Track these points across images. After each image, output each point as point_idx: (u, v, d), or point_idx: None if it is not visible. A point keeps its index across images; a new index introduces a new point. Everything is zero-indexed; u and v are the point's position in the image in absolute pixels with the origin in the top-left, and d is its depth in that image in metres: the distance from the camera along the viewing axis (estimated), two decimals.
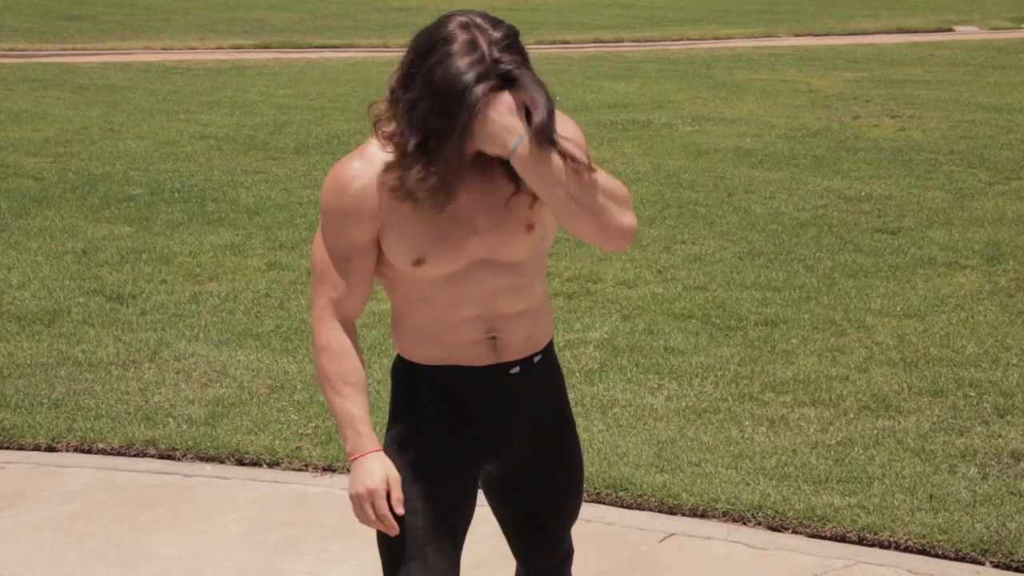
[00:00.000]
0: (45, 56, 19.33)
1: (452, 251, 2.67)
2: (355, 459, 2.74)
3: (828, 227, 8.74)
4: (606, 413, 5.54)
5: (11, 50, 19.92)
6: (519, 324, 2.78)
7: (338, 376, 2.76)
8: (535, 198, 2.67)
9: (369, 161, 2.66)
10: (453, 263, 2.69)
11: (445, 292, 2.71)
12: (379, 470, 2.73)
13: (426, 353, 2.79)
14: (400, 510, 2.73)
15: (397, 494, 2.73)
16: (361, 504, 2.73)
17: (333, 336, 2.76)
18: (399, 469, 2.77)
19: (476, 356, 2.77)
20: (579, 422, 5.30)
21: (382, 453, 2.76)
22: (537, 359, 2.84)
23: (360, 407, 2.76)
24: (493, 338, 2.76)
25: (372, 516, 2.72)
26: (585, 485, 4.74)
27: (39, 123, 13.11)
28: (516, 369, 2.81)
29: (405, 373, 2.86)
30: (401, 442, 2.81)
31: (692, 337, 6.51)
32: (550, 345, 2.90)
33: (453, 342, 2.76)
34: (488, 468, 2.89)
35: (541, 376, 2.87)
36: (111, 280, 7.54)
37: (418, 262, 2.67)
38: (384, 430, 2.89)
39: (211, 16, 26.07)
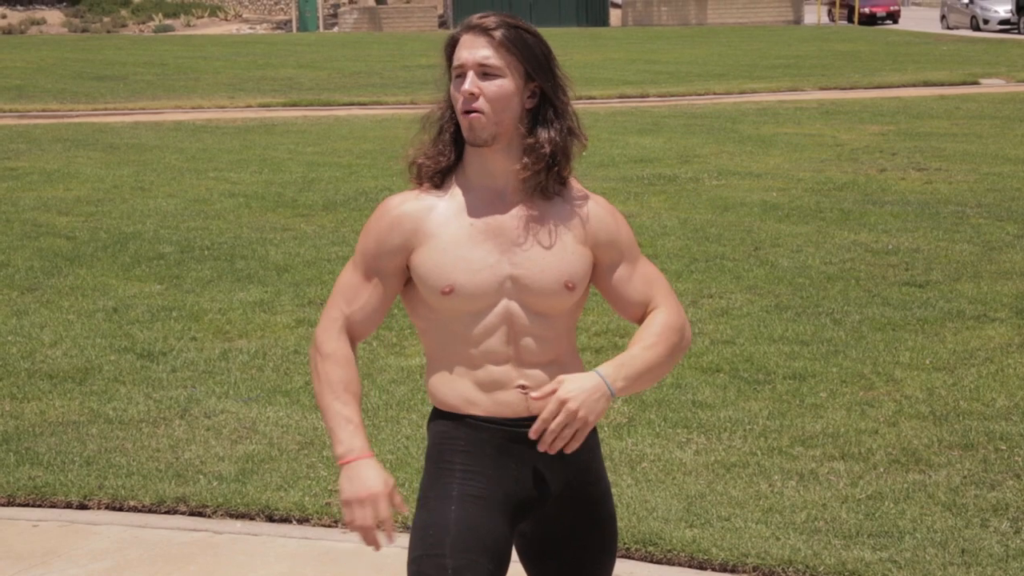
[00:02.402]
0: (77, 116, 19.57)
1: (482, 287, 2.75)
2: (349, 462, 2.76)
3: (856, 280, 8.73)
4: (635, 468, 5.54)
5: (44, 111, 20.19)
6: (546, 377, 2.81)
7: (341, 382, 2.81)
8: (602, 263, 2.84)
9: (415, 196, 2.82)
10: (481, 298, 2.75)
11: (473, 327, 2.77)
12: (378, 474, 2.77)
13: (459, 397, 2.82)
14: (405, 510, 2.78)
15: (398, 498, 2.78)
16: (362, 507, 2.74)
17: (340, 347, 2.83)
18: (432, 525, 2.78)
19: (508, 407, 2.80)
20: (607, 477, 5.30)
21: (376, 459, 2.80)
22: None
23: (358, 415, 2.81)
24: (523, 388, 2.79)
25: (371, 520, 2.74)
26: None
27: (71, 182, 13.26)
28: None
29: (440, 426, 2.88)
30: (434, 496, 2.82)
31: (720, 391, 6.51)
32: None
33: (485, 384, 2.79)
34: (522, 527, 2.89)
35: None
36: (142, 338, 7.60)
37: (447, 291, 2.74)
38: (410, 484, 2.91)
39: (240, 75, 26.35)
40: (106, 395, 6.60)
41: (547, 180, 2.78)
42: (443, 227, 2.78)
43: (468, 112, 2.73)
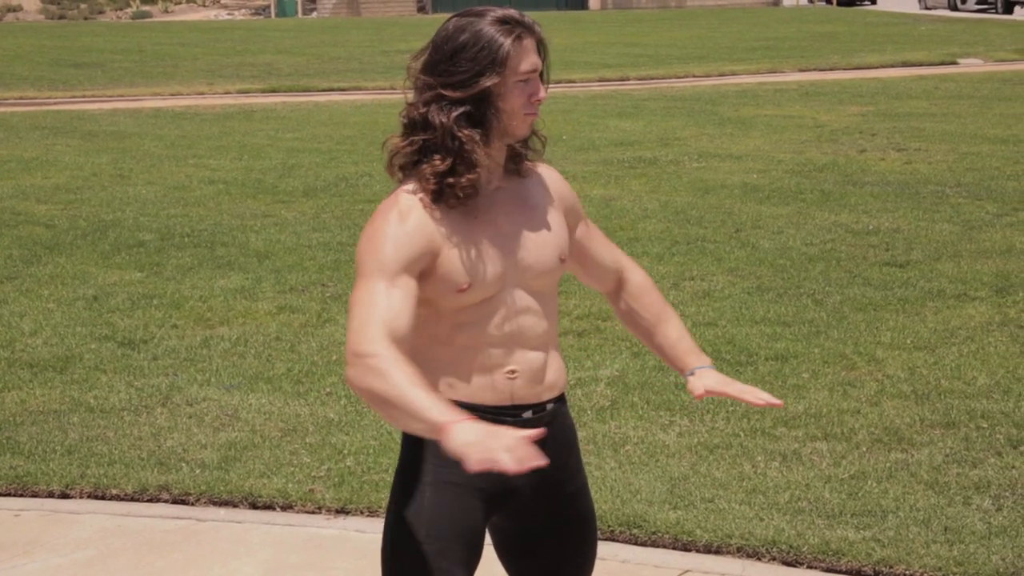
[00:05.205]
0: (55, 104, 19.46)
1: (492, 277, 2.76)
2: (459, 421, 2.51)
3: (836, 261, 8.75)
4: (618, 451, 5.54)
5: (21, 98, 20.06)
6: (535, 359, 2.82)
7: (415, 372, 2.59)
8: (570, 229, 2.93)
9: (415, 200, 2.73)
10: (490, 288, 2.77)
11: (475, 316, 2.77)
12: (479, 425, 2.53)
13: (439, 380, 2.80)
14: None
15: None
16: (505, 436, 2.47)
17: (395, 350, 2.61)
18: (405, 511, 2.78)
19: (491, 392, 2.79)
20: (591, 460, 5.31)
21: None
22: (550, 406, 2.87)
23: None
24: (512, 372, 2.79)
25: (516, 436, 2.47)
26: (599, 523, 4.76)
27: (49, 170, 13.19)
28: (528, 413, 2.83)
29: None
30: (409, 483, 2.83)
31: None
32: (563, 398, 2.93)
33: (475, 369, 2.78)
34: (499, 522, 2.89)
35: (553, 424, 2.88)
36: (122, 326, 7.57)
37: (464, 288, 2.74)
38: (395, 469, 2.91)
39: (219, 61, 26.24)
40: (87, 384, 6.57)
41: (517, 165, 2.86)
42: (452, 228, 2.75)
43: (531, 113, 2.79)
